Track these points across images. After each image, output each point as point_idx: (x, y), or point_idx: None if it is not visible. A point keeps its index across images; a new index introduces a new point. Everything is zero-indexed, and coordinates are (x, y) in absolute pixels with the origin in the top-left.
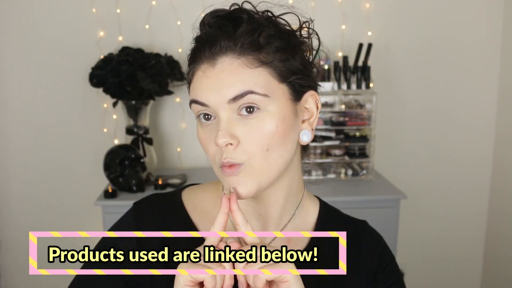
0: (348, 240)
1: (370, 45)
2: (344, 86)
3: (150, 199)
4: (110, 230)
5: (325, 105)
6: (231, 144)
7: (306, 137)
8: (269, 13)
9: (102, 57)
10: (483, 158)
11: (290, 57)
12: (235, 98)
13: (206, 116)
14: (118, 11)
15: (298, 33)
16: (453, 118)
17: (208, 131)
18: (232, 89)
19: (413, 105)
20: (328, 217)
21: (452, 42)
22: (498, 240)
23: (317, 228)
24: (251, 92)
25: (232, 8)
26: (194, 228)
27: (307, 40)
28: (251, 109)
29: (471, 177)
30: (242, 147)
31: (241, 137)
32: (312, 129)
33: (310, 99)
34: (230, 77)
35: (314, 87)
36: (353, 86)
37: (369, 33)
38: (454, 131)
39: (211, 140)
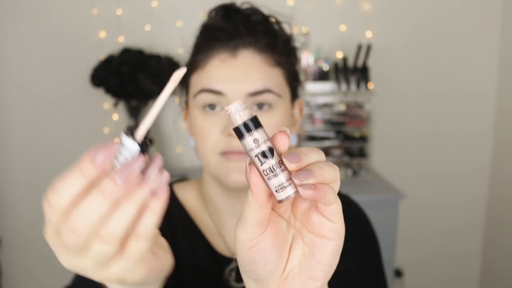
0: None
1: (369, 47)
2: (343, 86)
3: None
4: None
5: (324, 105)
6: None
7: (293, 140)
8: (273, 18)
9: (103, 58)
10: (483, 160)
11: (295, 63)
12: (255, 93)
13: (212, 106)
14: (119, 12)
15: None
16: (452, 119)
17: (213, 120)
18: (254, 83)
19: (412, 105)
20: None
21: (452, 43)
22: (497, 240)
23: None
24: (269, 91)
25: (243, 5)
26: (191, 219)
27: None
28: (262, 106)
29: (470, 178)
30: None
31: None
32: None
33: (296, 107)
34: (253, 72)
35: (298, 96)
36: (353, 86)
37: (369, 34)
38: (454, 131)
39: (215, 128)
